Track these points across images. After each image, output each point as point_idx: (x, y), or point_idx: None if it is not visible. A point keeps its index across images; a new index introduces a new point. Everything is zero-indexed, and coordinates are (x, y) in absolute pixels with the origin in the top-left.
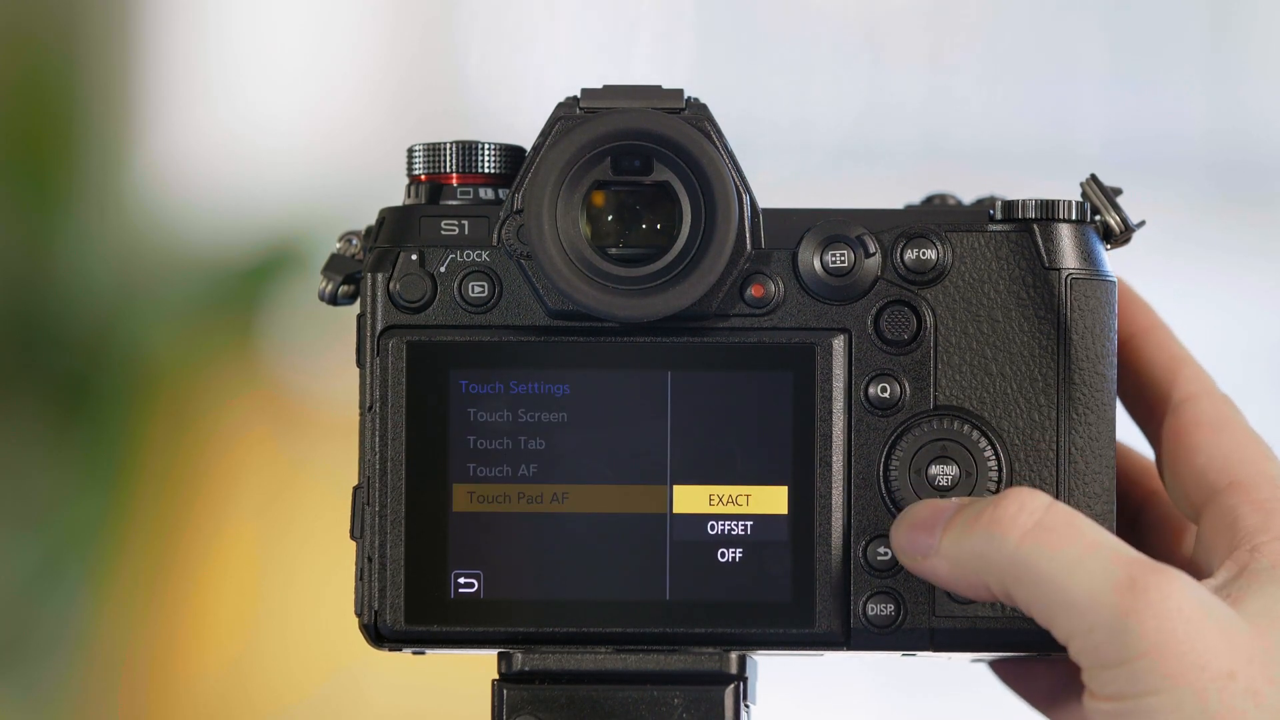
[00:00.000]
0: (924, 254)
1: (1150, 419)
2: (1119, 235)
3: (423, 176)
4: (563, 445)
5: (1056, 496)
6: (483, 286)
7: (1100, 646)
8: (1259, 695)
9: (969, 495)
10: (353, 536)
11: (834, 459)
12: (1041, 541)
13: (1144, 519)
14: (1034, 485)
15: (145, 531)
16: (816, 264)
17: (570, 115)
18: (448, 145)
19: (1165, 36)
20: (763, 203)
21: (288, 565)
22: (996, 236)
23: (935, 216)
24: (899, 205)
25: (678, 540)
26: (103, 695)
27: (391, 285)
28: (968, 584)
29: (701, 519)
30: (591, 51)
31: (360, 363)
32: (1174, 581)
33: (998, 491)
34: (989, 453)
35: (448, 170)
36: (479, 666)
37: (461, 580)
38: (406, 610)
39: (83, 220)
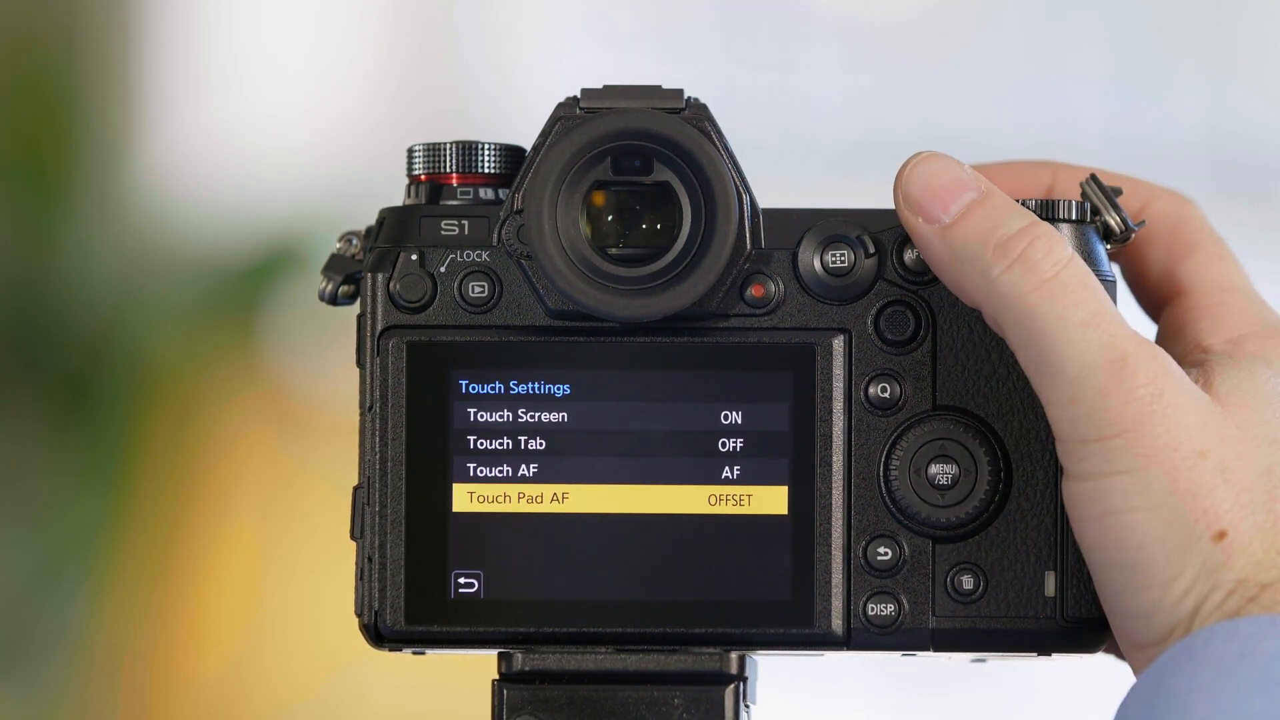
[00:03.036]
0: None
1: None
2: (1119, 235)
3: (423, 176)
4: (563, 445)
5: (1055, 496)
6: (483, 286)
7: (1079, 421)
8: (1228, 471)
9: (968, 494)
10: (353, 536)
11: (834, 459)
12: (1055, 296)
13: None
14: (1032, 485)
15: (145, 531)
16: (817, 264)
17: (570, 115)
18: (448, 145)
19: (1165, 36)
20: (763, 203)
21: (288, 565)
22: None
23: None
24: None
25: (678, 540)
26: (103, 695)
27: (391, 285)
28: (957, 283)
29: (701, 519)
30: (591, 51)
31: (360, 363)
32: (1160, 362)
33: (997, 492)
34: (989, 453)
35: (448, 170)
36: (479, 666)
37: (462, 580)
38: (407, 610)
39: (83, 220)
